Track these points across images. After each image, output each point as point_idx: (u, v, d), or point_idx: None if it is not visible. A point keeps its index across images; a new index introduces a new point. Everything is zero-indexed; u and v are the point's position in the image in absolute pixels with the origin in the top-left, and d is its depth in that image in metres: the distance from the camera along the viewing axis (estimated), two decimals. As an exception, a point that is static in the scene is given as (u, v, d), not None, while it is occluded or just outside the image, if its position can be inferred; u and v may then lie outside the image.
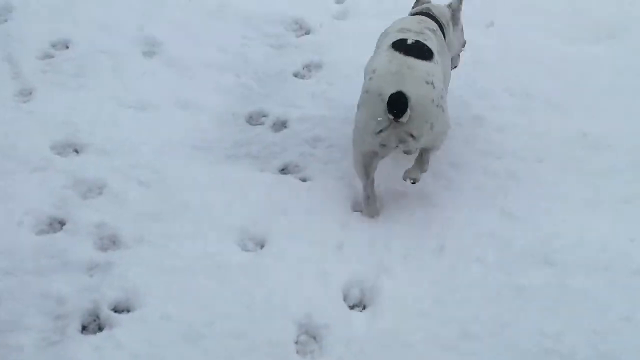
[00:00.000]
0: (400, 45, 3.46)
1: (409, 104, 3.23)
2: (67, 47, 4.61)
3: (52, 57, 4.54)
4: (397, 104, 3.22)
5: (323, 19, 4.93)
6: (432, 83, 3.37)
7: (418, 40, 3.49)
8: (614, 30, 4.63)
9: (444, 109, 3.47)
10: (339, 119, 4.02)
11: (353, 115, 3.52)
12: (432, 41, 3.57)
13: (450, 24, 3.87)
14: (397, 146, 3.40)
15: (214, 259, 3.32)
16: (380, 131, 3.33)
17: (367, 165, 3.52)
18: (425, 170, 3.56)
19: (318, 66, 4.53)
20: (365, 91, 3.44)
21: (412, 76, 3.34)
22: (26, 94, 4.26)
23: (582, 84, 4.26)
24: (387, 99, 3.25)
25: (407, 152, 3.53)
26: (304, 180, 3.78)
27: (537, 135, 3.97)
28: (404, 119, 3.25)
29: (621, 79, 4.30)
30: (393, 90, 3.25)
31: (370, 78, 3.45)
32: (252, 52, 4.64)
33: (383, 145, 3.38)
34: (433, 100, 3.34)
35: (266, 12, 4.93)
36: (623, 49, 4.52)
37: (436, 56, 3.50)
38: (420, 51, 3.45)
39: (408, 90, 3.24)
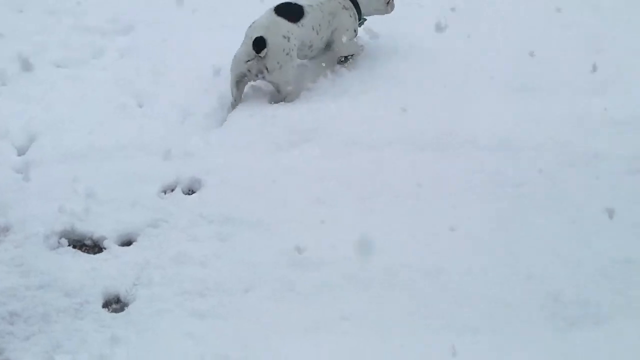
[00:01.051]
0: (278, 7, 4.96)
1: (267, 46, 4.71)
2: None
3: None
4: (259, 44, 4.72)
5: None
6: (288, 38, 4.83)
7: (295, 4, 5.00)
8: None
9: (292, 58, 4.84)
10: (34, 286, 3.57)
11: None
12: (316, 9, 5.04)
13: None
14: (257, 75, 4.83)
15: None
16: (248, 61, 4.78)
17: (237, 84, 4.86)
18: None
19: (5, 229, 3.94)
20: (245, 35, 4.85)
21: (275, 29, 4.82)
22: None
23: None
24: (253, 40, 4.71)
25: (268, 81, 4.88)
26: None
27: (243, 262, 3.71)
28: (262, 54, 4.73)
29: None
30: (258, 35, 4.73)
31: (249, 27, 4.89)
32: None
33: (249, 71, 4.82)
34: (284, 49, 4.78)
35: None
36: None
37: (304, 20, 4.94)
38: (289, 14, 4.92)
39: (268, 37, 4.74)
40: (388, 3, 5.33)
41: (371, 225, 3.81)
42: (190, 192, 4.22)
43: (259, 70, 4.82)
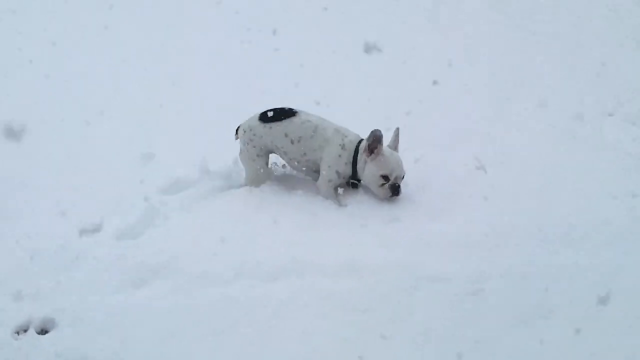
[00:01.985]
0: (277, 109, 5.10)
1: (238, 132, 5.17)
2: None
3: None
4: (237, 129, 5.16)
5: None
6: (245, 130, 5.14)
7: (291, 110, 5.08)
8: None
9: (249, 149, 5.13)
10: None
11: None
12: (310, 125, 5.03)
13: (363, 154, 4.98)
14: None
15: None
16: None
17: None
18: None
19: None
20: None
21: (248, 120, 5.16)
22: None
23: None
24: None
25: None
26: None
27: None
28: (235, 138, 5.22)
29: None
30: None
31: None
32: None
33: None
34: (245, 140, 5.13)
35: None
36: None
37: (277, 125, 5.03)
38: (268, 114, 5.08)
39: (241, 125, 5.18)
40: (382, 186, 4.99)
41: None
42: (44, 331, 4.13)
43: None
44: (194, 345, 4.01)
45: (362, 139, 5.06)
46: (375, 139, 4.87)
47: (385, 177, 4.95)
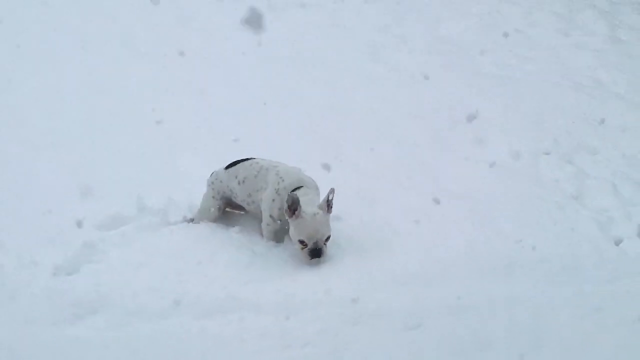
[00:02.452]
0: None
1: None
2: None
3: None
4: None
5: None
6: (213, 174, 5.31)
7: (250, 159, 5.16)
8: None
9: (209, 191, 5.29)
10: None
11: None
12: (254, 167, 5.09)
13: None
14: None
15: None
16: None
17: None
18: None
19: None
20: None
21: (217, 170, 5.30)
22: None
23: None
24: None
25: None
26: None
27: None
28: None
29: None
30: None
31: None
32: None
33: None
34: (208, 182, 5.27)
35: None
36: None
37: (232, 169, 5.17)
38: (228, 167, 5.21)
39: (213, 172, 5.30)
40: (302, 249, 4.86)
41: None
42: (-20, 368, 4.04)
43: None
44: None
45: (299, 186, 4.94)
46: (293, 202, 4.75)
47: (302, 242, 4.82)
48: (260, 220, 5.12)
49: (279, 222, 5.00)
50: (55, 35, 8.69)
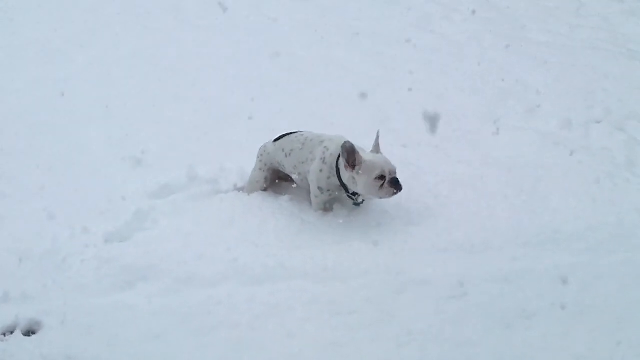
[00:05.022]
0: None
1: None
2: None
3: None
4: None
5: None
6: (264, 147, 5.32)
7: (297, 132, 5.20)
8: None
9: (258, 163, 5.33)
10: None
11: None
12: (299, 138, 5.11)
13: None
14: None
15: None
16: None
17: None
18: None
19: None
20: None
21: (266, 143, 5.34)
22: None
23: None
24: None
25: None
26: None
27: None
28: None
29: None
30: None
31: None
32: None
33: None
34: (258, 154, 5.32)
35: None
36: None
37: (279, 141, 5.20)
38: (275, 139, 5.26)
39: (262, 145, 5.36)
40: (381, 187, 4.75)
41: (209, 360, 3.91)
42: (30, 333, 4.17)
43: None
44: (178, 346, 4.03)
45: None
46: (349, 153, 4.71)
47: (381, 177, 4.72)
48: (309, 192, 5.15)
49: (328, 192, 5.02)
50: (106, 6, 8.81)
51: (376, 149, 4.95)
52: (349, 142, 4.70)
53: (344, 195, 5.07)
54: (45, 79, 7.18)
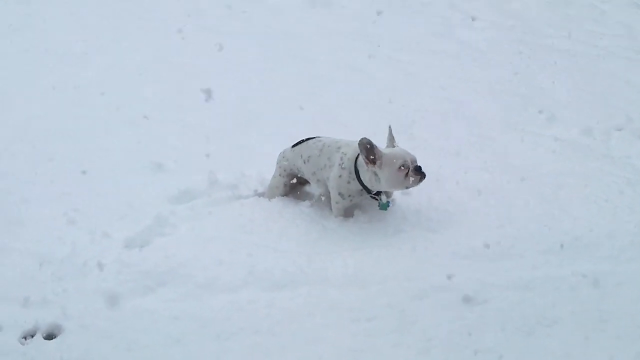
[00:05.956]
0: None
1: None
2: None
3: None
4: None
5: None
6: (282, 154, 5.33)
7: (315, 137, 5.19)
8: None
9: (277, 169, 5.32)
10: None
11: None
12: (317, 145, 5.10)
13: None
14: None
15: None
16: None
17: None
18: None
19: None
20: None
21: (285, 149, 5.32)
22: None
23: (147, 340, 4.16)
24: None
25: None
26: None
27: None
28: None
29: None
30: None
31: None
32: None
33: None
34: (278, 160, 5.34)
35: None
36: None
37: (298, 147, 5.20)
38: (294, 145, 5.24)
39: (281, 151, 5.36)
40: (406, 177, 4.73)
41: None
42: (50, 337, 4.18)
43: None
44: (198, 351, 4.03)
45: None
46: (367, 149, 4.67)
47: (404, 165, 4.69)
48: (328, 197, 5.14)
49: (349, 197, 5.00)
50: (126, 11, 8.86)
51: (391, 143, 4.95)
52: (365, 138, 4.68)
53: (366, 200, 5.06)
54: (65, 84, 7.22)
